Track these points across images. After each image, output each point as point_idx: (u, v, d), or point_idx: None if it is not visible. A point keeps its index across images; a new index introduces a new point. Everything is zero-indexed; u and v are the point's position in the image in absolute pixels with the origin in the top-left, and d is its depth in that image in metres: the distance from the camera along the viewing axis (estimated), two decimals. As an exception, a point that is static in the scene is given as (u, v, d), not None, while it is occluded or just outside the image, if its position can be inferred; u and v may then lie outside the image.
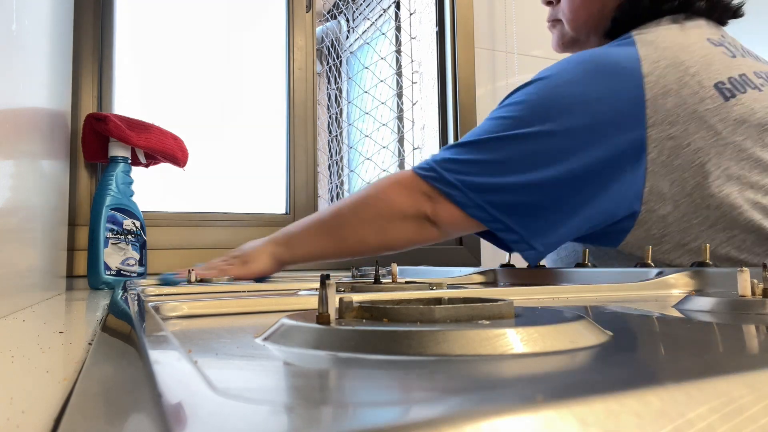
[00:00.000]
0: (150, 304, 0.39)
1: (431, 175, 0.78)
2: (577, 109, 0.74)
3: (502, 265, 0.90)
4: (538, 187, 0.73)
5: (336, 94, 1.81)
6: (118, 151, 1.03)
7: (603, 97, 0.74)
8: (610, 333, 0.25)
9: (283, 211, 1.30)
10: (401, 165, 1.56)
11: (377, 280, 0.62)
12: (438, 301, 0.31)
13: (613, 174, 0.73)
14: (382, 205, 0.81)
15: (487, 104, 1.44)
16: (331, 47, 1.82)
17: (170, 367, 0.19)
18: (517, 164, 0.74)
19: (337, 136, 1.81)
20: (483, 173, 0.75)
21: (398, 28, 1.59)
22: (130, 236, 1.00)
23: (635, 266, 0.69)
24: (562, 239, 0.77)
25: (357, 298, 0.30)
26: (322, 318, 0.25)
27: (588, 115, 0.73)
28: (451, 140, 1.41)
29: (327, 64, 1.83)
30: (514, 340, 0.21)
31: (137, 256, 1.01)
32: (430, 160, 0.80)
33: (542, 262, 0.86)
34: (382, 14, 1.66)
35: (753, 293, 0.38)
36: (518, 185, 0.73)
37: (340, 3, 1.79)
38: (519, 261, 1.00)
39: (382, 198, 0.82)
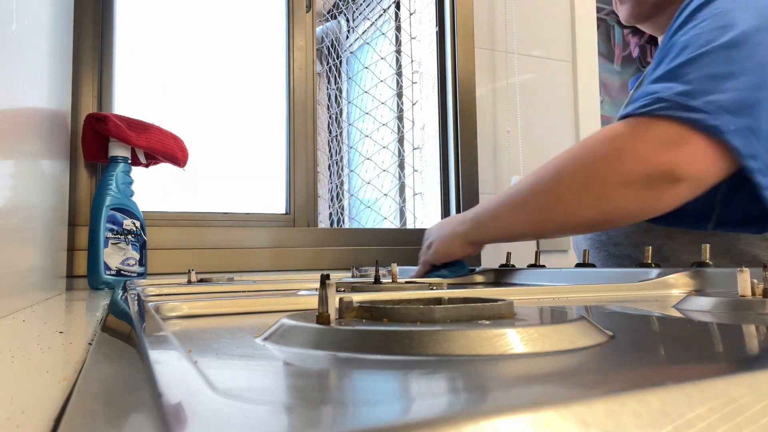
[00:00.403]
0: (150, 304, 0.39)
1: (663, 106, 0.59)
2: None
3: (502, 265, 0.90)
4: None
5: (336, 94, 1.81)
6: (118, 151, 1.03)
7: None
8: (610, 333, 0.25)
9: (283, 211, 1.30)
10: (401, 165, 1.56)
11: (377, 280, 0.62)
12: (438, 301, 0.31)
13: None
14: (600, 166, 0.63)
15: (487, 104, 1.44)
16: (331, 47, 1.82)
17: (170, 367, 0.19)
18: (758, 75, 0.59)
19: (337, 136, 1.81)
20: (729, 89, 0.58)
21: (398, 28, 1.59)
22: (130, 236, 1.00)
23: (635, 266, 0.69)
24: None
25: (357, 298, 0.30)
26: (322, 318, 0.25)
27: None
28: (451, 140, 1.41)
29: (327, 64, 1.83)
30: (514, 340, 0.21)
31: (137, 256, 1.01)
32: (651, 97, 0.61)
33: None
34: (382, 14, 1.66)
35: (753, 293, 0.38)
36: None
37: (340, 3, 1.79)
38: (519, 261, 1.00)
39: (599, 156, 0.63)
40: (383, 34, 1.66)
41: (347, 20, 1.80)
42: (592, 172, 0.63)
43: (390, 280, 0.66)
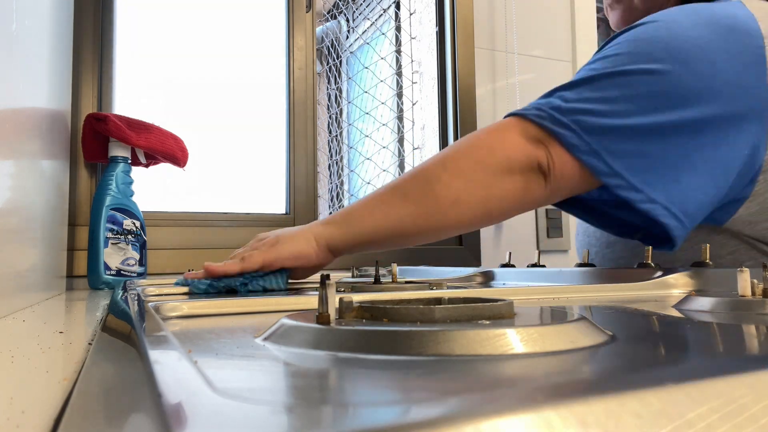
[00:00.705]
0: (150, 304, 0.39)
1: (539, 114, 0.65)
2: (697, 56, 0.65)
3: (502, 265, 0.90)
4: (659, 134, 0.63)
5: (336, 94, 1.81)
6: (118, 151, 1.03)
7: (725, 49, 0.66)
8: (610, 333, 0.25)
9: (283, 211, 1.30)
10: (401, 165, 1.56)
11: (377, 280, 0.62)
12: (438, 301, 0.31)
13: (735, 132, 0.65)
14: (485, 153, 0.65)
15: (487, 104, 1.44)
16: (331, 47, 1.82)
17: (170, 367, 0.19)
18: (635, 104, 0.64)
19: (337, 136, 1.81)
20: (598, 114, 0.64)
21: (398, 28, 1.59)
22: (130, 236, 1.00)
23: (636, 266, 0.69)
24: (698, 208, 0.64)
25: (357, 298, 0.30)
26: (322, 318, 0.25)
27: (709, 64, 0.65)
28: (451, 140, 1.41)
29: (327, 64, 1.83)
30: (514, 340, 0.21)
31: (137, 256, 1.01)
32: (536, 103, 0.68)
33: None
34: (382, 14, 1.66)
35: (753, 293, 0.38)
36: (637, 128, 0.63)
37: (340, 3, 1.79)
38: (519, 261, 1.00)
39: (483, 144, 0.65)
40: (383, 34, 1.66)
41: (347, 20, 1.80)
42: (480, 157, 0.65)
43: (390, 280, 0.66)
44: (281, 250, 0.64)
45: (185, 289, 0.61)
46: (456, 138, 1.40)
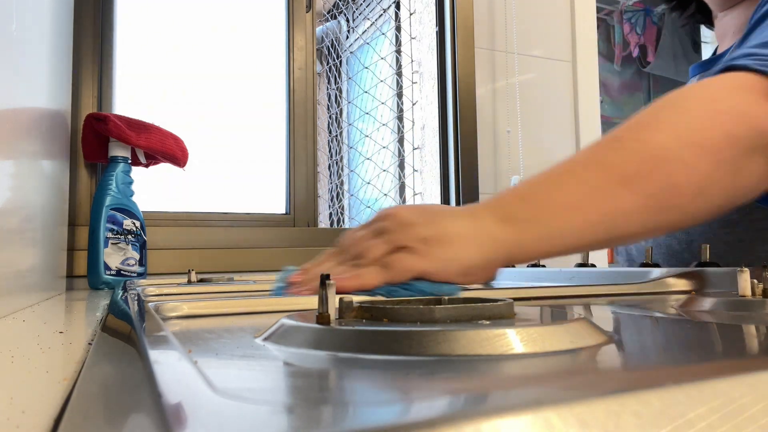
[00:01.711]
0: (150, 304, 0.39)
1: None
2: None
3: (502, 265, 0.90)
4: None
5: (336, 94, 1.81)
6: (118, 151, 1.03)
7: None
8: (610, 333, 0.25)
9: (283, 211, 1.30)
10: (401, 165, 1.56)
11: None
12: (438, 301, 0.31)
13: None
14: (731, 121, 0.47)
15: (487, 104, 1.44)
16: (331, 47, 1.82)
17: (170, 367, 0.19)
18: None
19: (337, 136, 1.81)
20: None
21: (398, 28, 1.59)
22: (130, 236, 1.00)
23: (638, 266, 0.69)
24: None
25: (357, 298, 0.30)
26: (322, 318, 0.25)
27: None
28: (451, 140, 1.41)
29: (327, 64, 1.83)
30: (514, 340, 0.21)
31: (137, 256, 1.01)
32: (746, 53, 0.52)
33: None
34: (382, 14, 1.66)
35: (753, 293, 0.38)
36: None
37: (340, 3, 1.79)
38: (519, 261, 1.00)
39: (726, 109, 0.48)
40: (383, 34, 1.66)
41: (347, 20, 1.80)
42: (728, 129, 0.47)
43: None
44: (444, 261, 0.44)
45: (185, 289, 0.61)
46: (456, 138, 1.40)
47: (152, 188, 1.16)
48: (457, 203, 1.39)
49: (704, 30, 2.46)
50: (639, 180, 0.45)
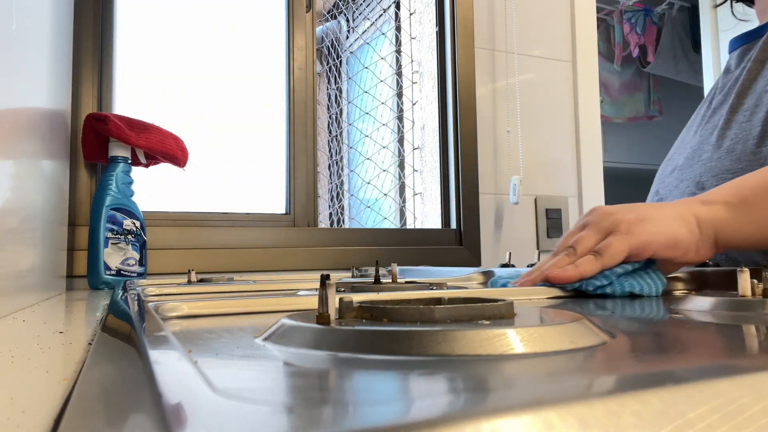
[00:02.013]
0: (150, 304, 0.39)
1: None
2: None
3: (502, 265, 0.90)
4: None
5: (336, 94, 1.81)
6: (118, 151, 1.03)
7: None
8: (610, 333, 0.25)
9: (283, 211, 1.30)
10: (401, 165, 1.56)
11: (377, 280, 0.62)
12: (438, 301, 0.31)
13: None
14: None
15: (487, 104, 1.44)
16: (331, 47, 1.82)
17: (170, 367, 0.19)
18: None
19: (337, 136, 1.81)
20: None
21: (398, 28, 1.59)
22: (130, 236, 1.00)
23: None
24: None
25: (357, 298, 0.30)
26: (322, 318, 0.25)
27: None
28: (451, 140, 1.41)
29: (327, 64, 1.83)
30: (514, 340, 0.21)
31: (137, 256, 1.01)
32: None
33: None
34: (382, 14, 1.66)
35: (753, 293, 0.38)
36: None
37: (340, 3, 1.79)
38: (519, 261, 1.00)
39: None
40: (383, 34, 1.66)
41: (347, 20, 1.80)
42: None
43: (390, 280, 0.66)
44: (650, 234, 0.45)
45: (185, 289, 0.61)
46: (456, 138, 1.40)
47: (152, 188, 1.16)
48: (457, 203, 1.38)
49: (704, 30, 2.46)
50: None
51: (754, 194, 0.48)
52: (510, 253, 0.94)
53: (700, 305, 0.38)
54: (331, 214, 1.78)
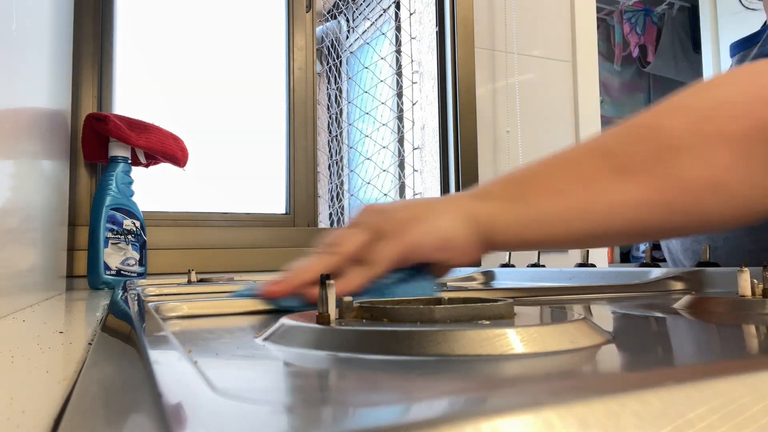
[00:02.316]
0: (150, 304, 0.39)
1: None
2: None
3: (502, 265, 0.90)
4: None
5: (336, 94, 1.81)
6: (118, 151, 1.03)
7: None
8: (610, 333, 0.25)
9: (283, 211, 1.30)
10: (401, 165, 1.56)
11: (377, 280, 0.62)
12: (438, 301, 0.31)
13: None
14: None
15: (487, 104, 1.44)
16: (331, 47, 1.82)
17: (170, 367, 0.19)
18: None
19: (337, 136, 1.81)
20: None
21: (398, 28, 1.59)
22: (130, 236, 1.00)
23: (638, 266, 0.69)
24: None
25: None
26: (322, 318, 0.25)
27: None
28: (451, 140, 1.41)
29: (327, 64, 1.83)
30: (514, 340, 0.21)
31: (137, 256, 1.01)
32: None
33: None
34: (382, 14, 1.66)
35: (753, 293, 0.38)
36: None
37: (340, 3, 1.79)
38: (519, 261, 1.00)
39: (765, 96, 0.40)
40: (383, 34, 1.66)
41: (347, 20, 1.80)
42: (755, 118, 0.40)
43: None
44: (420, 234, 0.41)
45: (185, 289, 0.61)
46: (456, 138, 1.40)
47: (152, 188, 1.16)
48: (457, 203, 1.38)
49: (704, 30, 2.46)
50: (643, 170, 0.40)
51: (527, 185, 0.42)
52: (510, 253, 0.94)
53: (699, 305, 0.38)
54: (331, 214, 1.78)
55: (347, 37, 1.81)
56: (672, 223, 0.41)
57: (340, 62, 1.81)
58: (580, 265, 0.79)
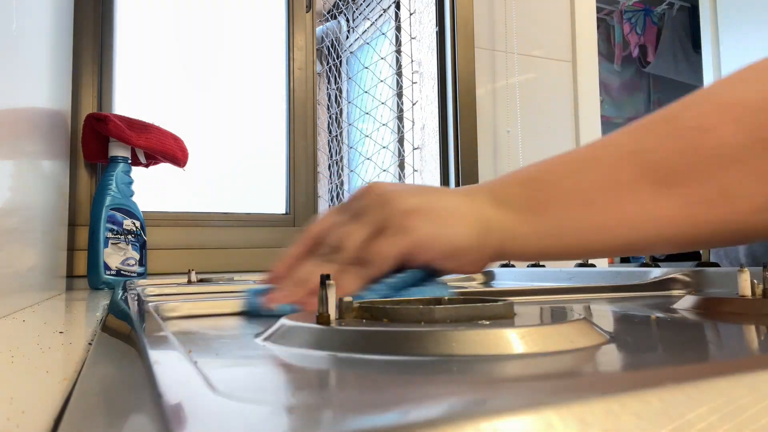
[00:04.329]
0: (150, 304, 0.39)
1: None
2: None
3: (502, 265, 0.90)
4: None
5: (336, 94, 1.81)
6: (118, 151, 1.03)
7: None
8: (610, 333, 0.25)
9: (283, 211, 1.30)
10: (401, 165, 1.56)
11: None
12: (438, 301, 0.31)
13: None
14: None
15: (487, 104, 1.44)
16: (331, 47, 1.82)
17: (170, 367, 0.19)
18: None
19: (337, 136, 1.81)
20: None
21: (398, 28, 1.59)
22: (130, 236, 1.00)
23: (638, 266, 0.69)
24: None
25: (357, 298, 0.30)
26: (322, 318, 0.25)
27: None
28: (451, 140, 1.41)
29: (327, 64, 1.83)
30: (514, 340, 0.21)
31: (137, 256, 1.01)
32: None
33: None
34: (382, 14, 1.66)
35: (753, 293, 0.38)
36: None
37: (340, 3, 1.79)
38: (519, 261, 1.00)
39: None
40: (383, 34, 1.66)
41: (347, 20, 1.80)
42: None
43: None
44: (427, 236, 0.36)
45: (185, 289, 0.61)
46: (456, 138, 1.40)
47: (152, 188, 1.16)
48: (457, 203, 1.38)
49: (704, 30, 2.46)
50: (688, 183, 0.34)
51: (549, 195, 0.38)
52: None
53: (699, 305, 0.38)
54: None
55: (347, 37, 1.81)
56: (715, 239, 0.37)
57: (340, 62, 1.81)
58: (580, 265, 0.79)
